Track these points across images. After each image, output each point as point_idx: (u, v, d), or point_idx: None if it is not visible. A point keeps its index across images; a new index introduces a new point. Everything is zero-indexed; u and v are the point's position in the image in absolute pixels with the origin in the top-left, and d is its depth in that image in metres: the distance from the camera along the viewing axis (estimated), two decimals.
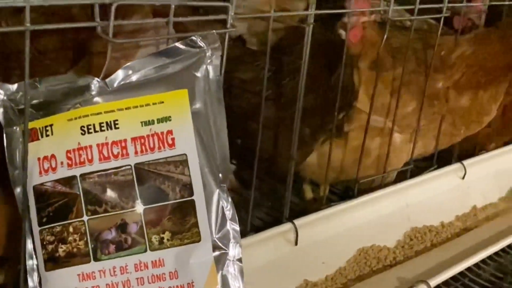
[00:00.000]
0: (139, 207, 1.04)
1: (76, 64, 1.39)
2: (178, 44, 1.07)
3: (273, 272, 1.59)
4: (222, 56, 1.13)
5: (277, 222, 1.66)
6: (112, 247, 1.03)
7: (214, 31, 1.07)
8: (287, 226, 1.62)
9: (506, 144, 2.43)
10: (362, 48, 1.76)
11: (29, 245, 1.06)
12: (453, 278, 1.71)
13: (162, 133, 1.04)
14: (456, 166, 2.17)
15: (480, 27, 2.29)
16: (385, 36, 1.67)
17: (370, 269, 1.76)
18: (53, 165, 1.04)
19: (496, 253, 2.20)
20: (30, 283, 1.04)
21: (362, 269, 1.76)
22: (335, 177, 1.90)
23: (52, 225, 1.03)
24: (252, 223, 1.72)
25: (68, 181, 1.03)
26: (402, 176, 2.05)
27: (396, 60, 1.82)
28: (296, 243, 1.64)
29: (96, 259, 1.03)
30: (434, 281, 1.53)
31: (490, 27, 2.12)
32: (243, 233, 1.58)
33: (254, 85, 1.62)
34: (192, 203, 1.05)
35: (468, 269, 1.88)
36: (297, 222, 1.64)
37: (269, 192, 1.95)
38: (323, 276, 1.69)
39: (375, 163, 1.90)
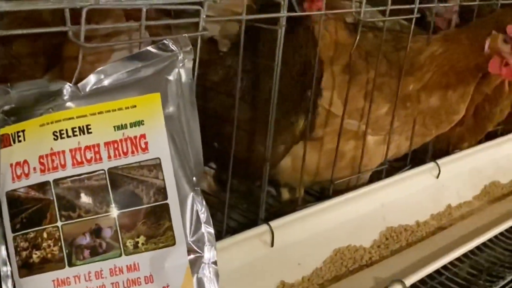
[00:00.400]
0: (113, 212, 1.04)
1: (51, 69, 1.39)
2: (150, 48, 1.07)
3: (250, 274, 1.59)
4: (194, 59, 1.13)
5: (253, 224, 1.66)
6: (86, 252, 1.03)
7: (185, 34, 1.07)
8: (263, 228, 1.63)
9: (479, 142, 2.47)
10: (335, 51, 1.78)
11: (3, 252, 1.05)
12: (430, 276, 1.73)
13: (135, 137, 1.04)
14: (430, 165, 2.20)
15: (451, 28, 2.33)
16: (357, 38, 1.68)
17: (346, 269, 1.78)
18: (26, 171, 1.03)
19: (471, 251, 2.23)
20: None
21: (339, 269, 1.77)
22: (311, 180, 1.91)
23: (26, 231, 1.03)
24: (228, 225, 1.72)
25: (41, 186, 1.03)
26: (377, 176, 2.08)
27: (368, 63, 1.83)
28: (272, 245, 1.64)
29: (71, 264, 1.03)
30: (409, 280, 1.54)
31: (460, 27, 2.16)
32: (219, 236, 1.59)
33: (226, 87, 1.63)
34: (166, 207, 1.05)
35: (444, 267, 1.90)
36: (273, 223, 1.65)
37: (246, 194, 1.96)
38: (299, 277, 1.69)
39: (350, 165, 1.92)
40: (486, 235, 1.93)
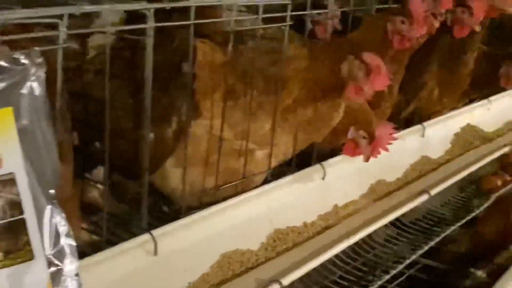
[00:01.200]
0: None
1: None
2: (1, 62, 1.06)
3: (133, 284, 1.60)
4: (52, 71, 1.13)
5: (136, 233, 1.66)
6: None
7: (36, 48, 1.07)
8: (145, 237, 1.63)
9: None
10: (212, 78, 1.80)
11: None
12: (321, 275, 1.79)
13: None
14: (316, 167, 2.27)
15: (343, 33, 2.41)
16: (230, 49, 1.71)
17: (233, 273, 1.81)
18: None
19: (361, 248, 2.33)
20: None
21: (226, 273, 1.80)
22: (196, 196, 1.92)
23: None
24: (119, 236, 1.71)
25: None
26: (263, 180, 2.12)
27: (247, 83, 1.85)
28: (155, 253, 1.65)
29: None
30: (286, 280, 1.59)
31: (339, 36, 2.25)
32: (100, 247, 1.59)
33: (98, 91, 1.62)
34: (23, 222, 1.04)
35: (337, 265, 1.97)
36: (155, 232, 1.65)
37: (130, 201, 1.95)
38: (186, 283, 1.71)
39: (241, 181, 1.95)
40: (366, 231, 2.02)
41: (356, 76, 1.81)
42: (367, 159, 2.10)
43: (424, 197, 2.42)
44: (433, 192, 2.47)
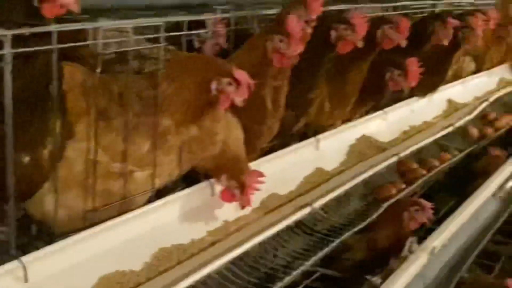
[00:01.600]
0: None
1: None
2: None
3: None
4: None
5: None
6: None
7: None
8: (13, 264, 1.62)
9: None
10: (83, 105, 1.80)
11: None
12: None
13: None
14: (204, 184, 2.29)
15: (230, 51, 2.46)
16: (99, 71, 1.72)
17: None
18: None
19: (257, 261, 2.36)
20: None
21: None
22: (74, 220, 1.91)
23: None
24: None
25: None
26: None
27: (123, 105, 1.87)
28: (26, 280, 1.63)
29: None
30: None
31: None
32: None
33: None
34: None
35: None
36: (26, 258, 1.64)
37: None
38: None
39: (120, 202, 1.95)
40: (249, 244, 2.07)
41: (227, 91, 1.90)
42: (242, 207, 2.23)
43: (307, 210, 2.48)
44: (317, 204, 2.54)
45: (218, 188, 2.29)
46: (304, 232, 2.71)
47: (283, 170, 2.71)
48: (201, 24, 2.35)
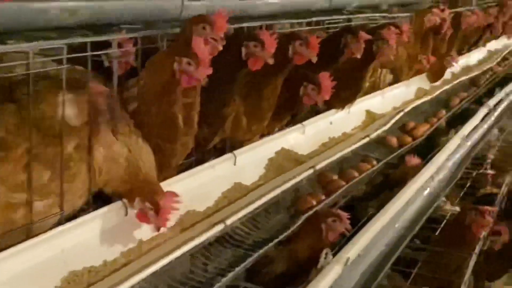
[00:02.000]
0: None
1: None
2: None
3: None
4: None
5: None
6: None
7: None
8: None
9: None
10: None
11: None
12: None
13: None
14: (117, 204, 2.27)
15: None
16: None
17: None
18: None
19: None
20: None
21: None
22: None
23: None
24: None
25: None
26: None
27: (20, 135, 1.86)
28: None
29: None
30: None
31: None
32: None
33: None
34: None
35: None
36: None
37: None
38: None
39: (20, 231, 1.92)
40: (162, 262, 2.08)
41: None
42: (157, 229, 2.24)
43: (221, 226, 2.50)
44: (232, 219, 2.56)
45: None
46: (225, 247, 2.74)
47: (200, 187, 2.72)
48: (109, 43, 2.34)
